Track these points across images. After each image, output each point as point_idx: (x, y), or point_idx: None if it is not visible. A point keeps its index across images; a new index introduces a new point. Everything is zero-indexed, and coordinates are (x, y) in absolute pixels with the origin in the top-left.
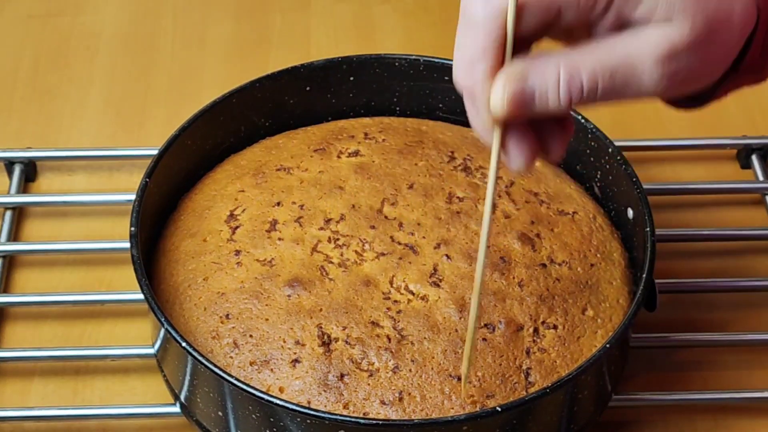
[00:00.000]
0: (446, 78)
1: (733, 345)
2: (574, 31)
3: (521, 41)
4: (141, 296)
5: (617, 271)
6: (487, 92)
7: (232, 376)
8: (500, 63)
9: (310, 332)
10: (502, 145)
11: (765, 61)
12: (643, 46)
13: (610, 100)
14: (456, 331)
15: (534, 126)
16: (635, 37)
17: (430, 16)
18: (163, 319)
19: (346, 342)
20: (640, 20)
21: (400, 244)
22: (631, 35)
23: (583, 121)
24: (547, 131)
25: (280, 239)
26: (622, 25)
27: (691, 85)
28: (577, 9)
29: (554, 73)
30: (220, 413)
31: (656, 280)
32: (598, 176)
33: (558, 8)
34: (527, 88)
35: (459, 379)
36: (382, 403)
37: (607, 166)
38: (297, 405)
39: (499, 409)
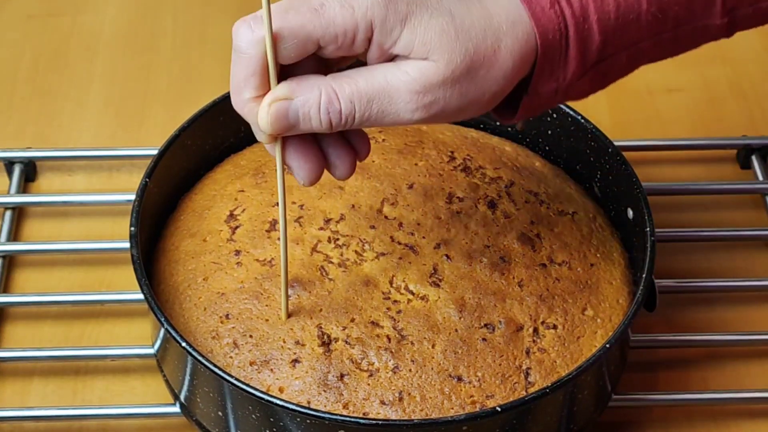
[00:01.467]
0: None
1: (733, 345)
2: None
3: (316, 62)
4: (141, 296)
5: (617, 271)
6: (254, 114)
7: (232, 376)
8: (267, 86)
9: (310, 332)
10: (285, 159)
11: (558, 85)
12: (400, 78)
13: (371, 124)
14: (456, 331)
15: (324, 142)
16: (396, 68)
17: None
18: (163, 319)
19: (346, 342)
20: (401, 54)
21: (400, 244)
22: (393, 66)
23: (583, 121)
24: (334, 149)
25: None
26: (388, 57)
27: (454, 115)
28: (337, 43)
29: (317, 95)
30: (220, 413)
31: (656, 280)
32: (598, 176)
33: (316, 41)
34: (291, 109)
35: (459, 379)
36: (382, 403)
37: (607, 166)
38: (297, 405)
39: (499, 409)
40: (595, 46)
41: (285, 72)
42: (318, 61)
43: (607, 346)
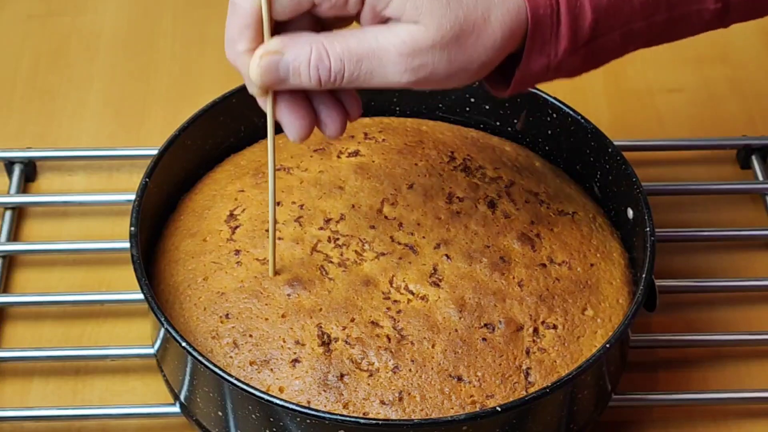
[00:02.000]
0: None
1: (733, 345)
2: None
3: (311, 22)
4: (141, 296)
5: (617, 271)
6: (246, 66)
7: (232, 376)
8: (260, 40)
9: (309, 332)
10: (276, 114)
11: (548, 60)
12: (391, 40)
13: (360, 85)
14: (456, 331)
15: (316, 100)
16: (387, 30)
17: None
18: (163, 319)
19: (346, 342)
20: (392, 17)
21: (399, 244)
22: (384, 29)
23: (583, 121)
24: (325, 107)
25: (279, 239)
26: (381, 20)
27: (443, 81)
28: (330, 3)
29: (307, 51)
30: (219, 413)
31: (656, 280)
32: (598, 176)
33: (311, 1)
34: (281, 63)
35: (459, 379)
36: (382, 403)
37: (607, 166)
38: (297, 405)
39: (499, 409)
40: (587, 24)
41: (279, 29)
42: (313, 20)
43: (607, 346)
